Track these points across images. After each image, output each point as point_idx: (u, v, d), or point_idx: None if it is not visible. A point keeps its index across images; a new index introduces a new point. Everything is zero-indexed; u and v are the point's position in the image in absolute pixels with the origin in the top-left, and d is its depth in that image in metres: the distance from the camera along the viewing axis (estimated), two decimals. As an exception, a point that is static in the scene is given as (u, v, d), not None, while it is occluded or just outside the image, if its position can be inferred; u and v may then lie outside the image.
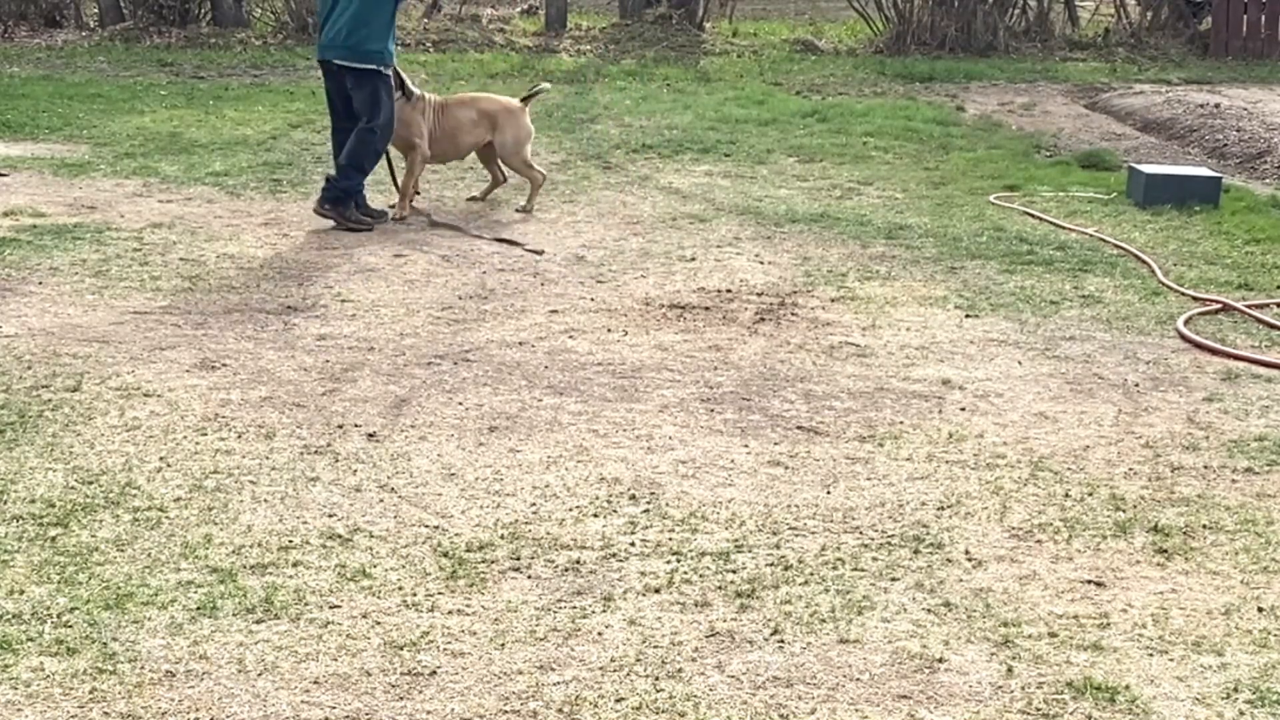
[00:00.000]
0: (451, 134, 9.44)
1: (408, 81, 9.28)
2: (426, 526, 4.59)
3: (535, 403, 5.76)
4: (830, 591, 4.19)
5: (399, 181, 9.33)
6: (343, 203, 8.83)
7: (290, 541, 4.45)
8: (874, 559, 4.41)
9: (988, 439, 5.44)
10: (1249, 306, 7.26)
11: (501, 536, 4.52)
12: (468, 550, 4.42)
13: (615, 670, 3.74)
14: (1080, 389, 6.04)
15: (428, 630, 3.93)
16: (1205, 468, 5.20)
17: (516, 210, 9.39)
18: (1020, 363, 6.38)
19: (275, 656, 3.77)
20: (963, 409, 5.78)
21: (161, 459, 5.09)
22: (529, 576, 4.26)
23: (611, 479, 5.00)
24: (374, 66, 8.81)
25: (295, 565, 4.29)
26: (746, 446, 5.33)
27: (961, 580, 4.28)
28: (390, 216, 9.07)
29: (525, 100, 9.65)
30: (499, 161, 9.63)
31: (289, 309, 7.07)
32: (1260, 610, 4.12)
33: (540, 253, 8.31)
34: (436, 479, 4.98)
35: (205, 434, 5.34)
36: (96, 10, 20.83)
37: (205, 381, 5.92)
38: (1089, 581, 4.29)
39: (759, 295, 7.45)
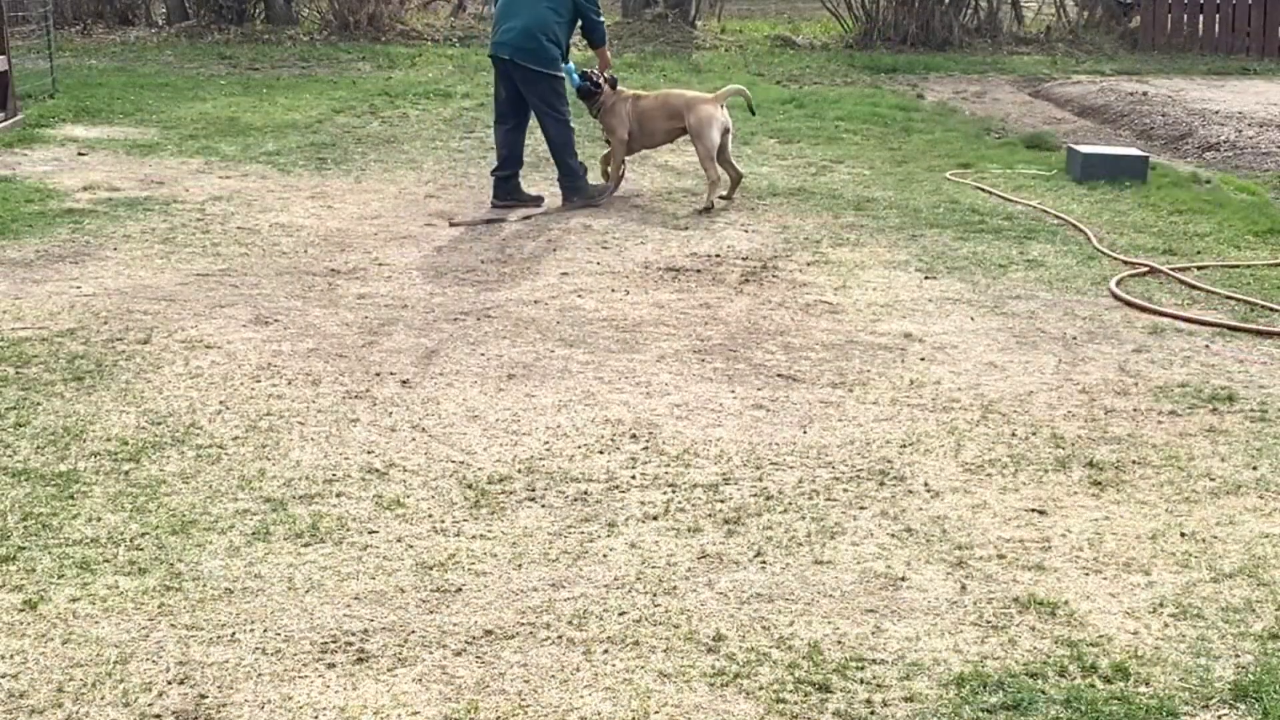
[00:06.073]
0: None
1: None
2: (453, 462, 4.55)
3: (548, 353, 5.72)
4: (806, 519, 4.16)
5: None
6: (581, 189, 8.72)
7: (334, 475, 4.42)
8: (845, 490, 4.38)
9: (944, 385, 5.40)
10: (1173, 270, 7.21)
11: (519, 470, 4.49)
12: (489, 483, 4.39)
13: (618, 588, 3.71)
14: (1025, 341, 5.99)
15: (454, 553, 3.90)
16: (1135, 410, 5.16)
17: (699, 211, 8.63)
18: (973, 318, 6.34)
19: (321, 575, 3.74)
20: (922, 359, 5.73)
21: (221, 403, 5.05)
22: (543, 505, 4.23)
23: (615, 420, 4.96)
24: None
25: (338, 496, 4.26)
26: (733, 392, 5.29)
27: (921, 509, 4.25)
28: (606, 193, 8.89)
29: (718, 97, 8.93)
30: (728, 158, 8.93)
31: (333, 271, 7.01)
32: (1182, 535, 4.09)
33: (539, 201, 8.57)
34: (462, 420, 4.94)
35: (259, 381, 5.30)
36: (164, 10, 20.70)
37: (259, 335, 5.87)
38: (1033, 510, 4.26)
39: (744, 260, 7.39)
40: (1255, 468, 4.61)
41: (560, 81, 8.68)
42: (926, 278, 7.06)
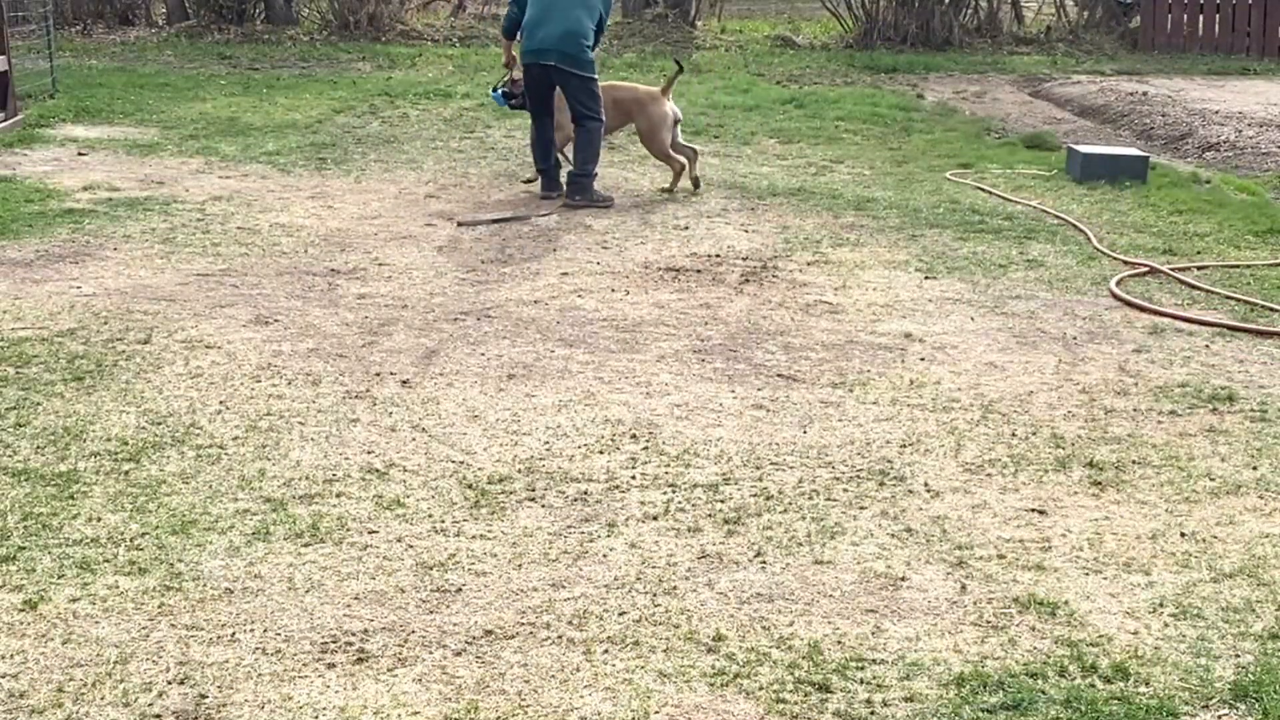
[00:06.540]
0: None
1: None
2: (453, 462, 4.55)
3: (548, 353, 5.72)
4: (806, 519, 4.16)
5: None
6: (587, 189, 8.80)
7: (334, 475, 4.42)
8: (845, 490, 4.38)
9: (944, 385, 5.40)
10: (1173, 269, 7.21)
11: (519, 470, 4.49)
12: (489, 483, 4.38)
13: (618, 588, 3.71)
14: (1025, 341, 6.00)
15: (454, 553, 3.90)
16: (1134, 410, 5.16)
17: (660, 190, 9.21)
18: (973, 318, 6.34)
19: (321, 576, 3.74)
20: (922, 359, 5.73)
21: (221, 403, 5.05)
22: (543, 505, 4.23)
23: (615, 420, 4.96)
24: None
25: (338, 496, 4.26)
26: (733, 392, 5.29)
27: (921, 509, 4.25)
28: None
29: (664, 89, 9.17)
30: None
31: (333, 271, 7.01)
32: (1182, 535, 4.09)
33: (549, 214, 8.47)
34: (462, 420, 4.94)
35: (259, 381, 5.30)
36: (164, 10, 20.70)
37: (259, 335, 5.88)
38: (1033, 510, 4.26)
39: (744, 259, 7.39)
40: (1255, 468, 4.62)
41: (595, 82, 8.84)
42: (926, 278, 7.06)
